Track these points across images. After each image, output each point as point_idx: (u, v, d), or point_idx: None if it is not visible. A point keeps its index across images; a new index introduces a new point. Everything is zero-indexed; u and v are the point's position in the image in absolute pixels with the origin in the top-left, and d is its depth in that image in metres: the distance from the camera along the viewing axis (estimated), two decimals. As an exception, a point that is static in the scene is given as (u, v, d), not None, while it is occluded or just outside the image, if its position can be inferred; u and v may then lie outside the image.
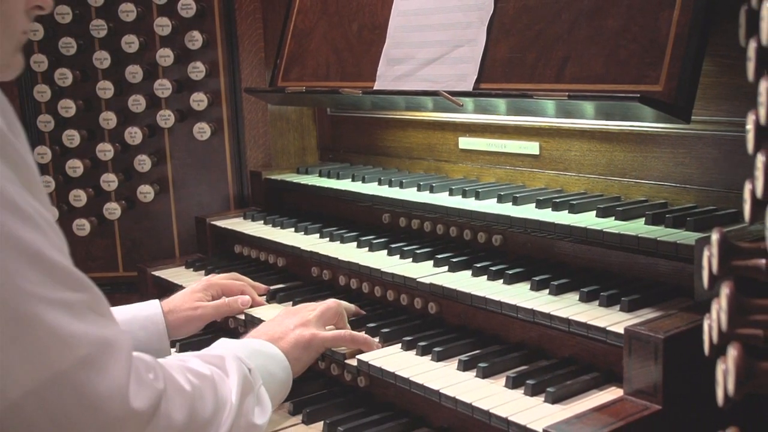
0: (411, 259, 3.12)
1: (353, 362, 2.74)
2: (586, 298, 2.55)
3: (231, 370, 2.12)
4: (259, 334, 2.61)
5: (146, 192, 4.36)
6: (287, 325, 2.66)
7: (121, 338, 1.73)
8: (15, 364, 1.57)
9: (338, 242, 3.48)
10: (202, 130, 4.29)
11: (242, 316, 3.20)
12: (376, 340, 2.80)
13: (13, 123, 1.63)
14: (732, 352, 1.18)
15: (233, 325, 3.30)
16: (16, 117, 1.65)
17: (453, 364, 2.58)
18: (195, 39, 4.23)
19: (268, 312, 3.16)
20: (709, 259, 1.37)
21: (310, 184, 3.94)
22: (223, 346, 2.34)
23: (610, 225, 2.68)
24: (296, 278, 3.58)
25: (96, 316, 1.70)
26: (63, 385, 1.61)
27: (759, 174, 1.25)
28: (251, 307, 3.25)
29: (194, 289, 3.12)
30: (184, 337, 3.06)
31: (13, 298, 1.56)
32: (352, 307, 2.95)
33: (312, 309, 2.77)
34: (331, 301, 2.82)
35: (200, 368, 2.03)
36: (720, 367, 1.23)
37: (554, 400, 2.30)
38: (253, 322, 3.06)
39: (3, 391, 1.56)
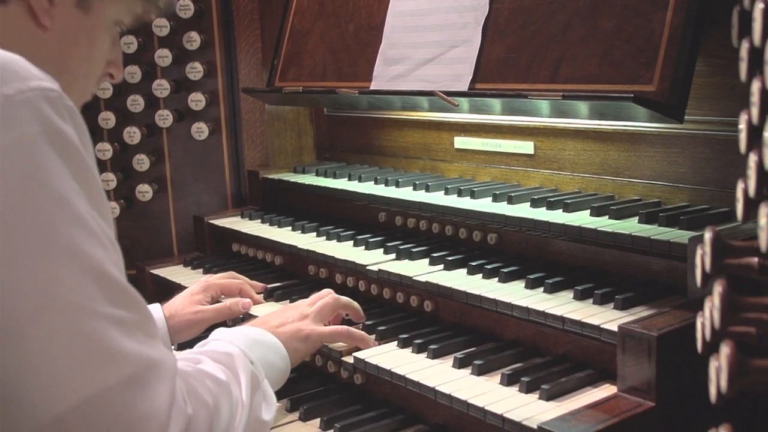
0: (407, 258, 3.11)
1: (350, 360, 2.74)
2: (580, 296, 2.55)
3: (240, 368, 2.08)
4: (257, 323, 2.60)
5: (145, 191, 4.36)
6: (286, 317, 2.66)
7: (167, 361, 1.71)
8: (65, 377, 1.55)
9: (335, 241, 3.48)
10: (200, 130, 4.29)
11: (248, 309, 3.19)
12: (373, 337, 2.80)
13: (87, 141, 1.64)
14: (725, 350, 1.18)
15: (231, 324, 3.29)
16: (88, 134, 1.66)
17: (448, 361, 2.58)
18: (193, 39, 4.23)
19: (266, 310, 3.16)
20: (702, 257, 1.37)
21: (307, 183, 3.93)
22: (224, 338, 2.31)
23: (604, 224, 2.68)
24: (293, 276, 3.58)
25: (145, 337, 1.68)
26: (106, 402, 1.59)
27: (751, 173, 1.25)
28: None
29: (193, 291, 3.10)
30: (185, 341, 3.05)
31: (71, 309, 1.56)
32: (356, 306, 2.93)
33: (310, 304, 2.76)
34: (330, 298, 2.80)
35: (217, 373, 1.99)
36: (713, 365, 1.23)
37: (549, 397, 2.30)
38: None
39: (50, 404, 1.54)
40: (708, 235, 1.34)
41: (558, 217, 2.81)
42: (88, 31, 1.94)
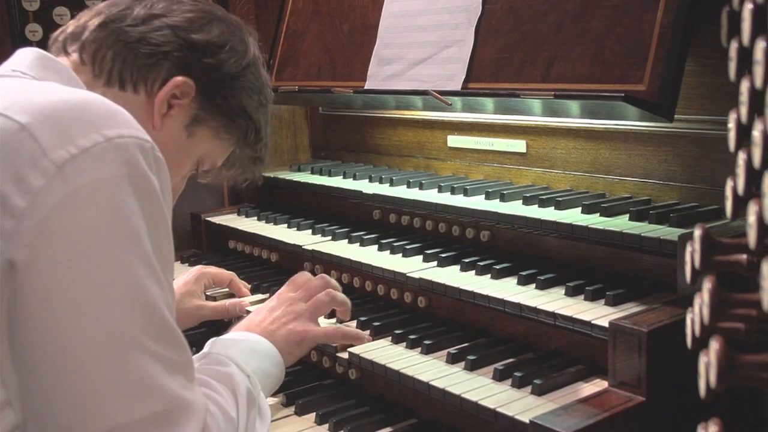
0: (401, 255, 3.12)
1: (344, 355, 2.74)
2: (571, 293, 2.55)
3: (238, 389, 2.10)
4: (251, 325, 2.57)
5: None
6: (280, 319, 2.62)
7: (200, 405, 1.75)
8: (103, 402, 1.61)
9: (330, 238, 3.47)
10: (198, 129, 4.28)
11: (245, 313, 3.18)
12: (367, 333, 2.80)
13: (167, 193, 1.79)
14: (714, 345, 1.18)
15: (226, 320, 3.30)
16: (170, 188, 1.81)
17: (442, 357, 2.58)
18: (190, 39, 4.22)
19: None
20: (692, 254, 1.37)
21: (302, 181, 3.93)
22: (222, 352, 2.29)
23: (595, 221, 2.68)
24: (289, 273, 3.55)
25: (183, 379, 1.74)
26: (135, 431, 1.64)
27: (740, 171, 1.25)
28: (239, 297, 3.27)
29: (187, 281, 3.10)
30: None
31: (122, 339, 1.63)
32: (349, 305, 2.90)
33: (305, 299, 2.73)
34: (325, 296, 2.77)
35: (221, 401, 2.00)
36: (702, 360, 1.23)
37: (540, 392, 2.30)
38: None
39: (84, 425, 1.60)
40: (697, 233, 1.34)
41: (550, 214, 2.81)
42: (182, 151, 2.18)
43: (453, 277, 2.82)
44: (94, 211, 1.61)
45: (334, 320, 2.94)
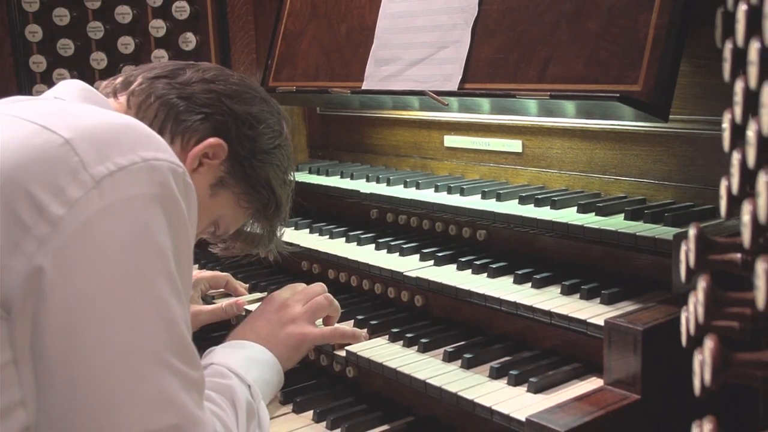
0: (398, 254, 3.11)
1: (342, 353, 2.74)
2: (567, 291, 2.55)
3: (238, 402, 2.14)
4: (249, 332, 2.57)
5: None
6: (277, 323, 2.61)
7: (208, 424, 1.79)
8: (120, 411, 1.65)
9: (327, 237, 3.47)
10: (196, 129, 4.28)
11: (242, 312, 3.17)
12: (365, 331, 2.80)
13: (194, 217, 1.88)
14: (708, 344, 1.18)
15: (234, 322, 3.29)
16: (196, 212, 1.91)
17: (438, 355, 2.58)
18: (189, 40, 4.23)
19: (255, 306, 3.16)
20: (687, 253, 1.37)
21: (300, 180, 3.92)
22: (222, 363, 2.32)
23: (591, 220, 2.68)
24: (287, 272, 3.57)
25: (198, 397, 1.78)
26: None
27: (735, 171, 1.25)
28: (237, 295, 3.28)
29: None
30: None
31: (143, 351, 1.67)
32: (339, 311, 2.87)
33: (302, 301, 2.73)
34: (324, 299, 2.76)
35: (227, 419, 2.05)
36: (697, 358, 1.23)
37: (536, 389, 2.30)
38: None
39: (99, 430, 1.64)
40: (692, 232, 1.34)
41: (545, 213, 2.81)
42: (201, 209, 2.17)
43: (449, 276, 2.82)
44: (125, 226, 1.68)
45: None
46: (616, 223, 2.64)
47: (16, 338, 1.62)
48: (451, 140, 3.65)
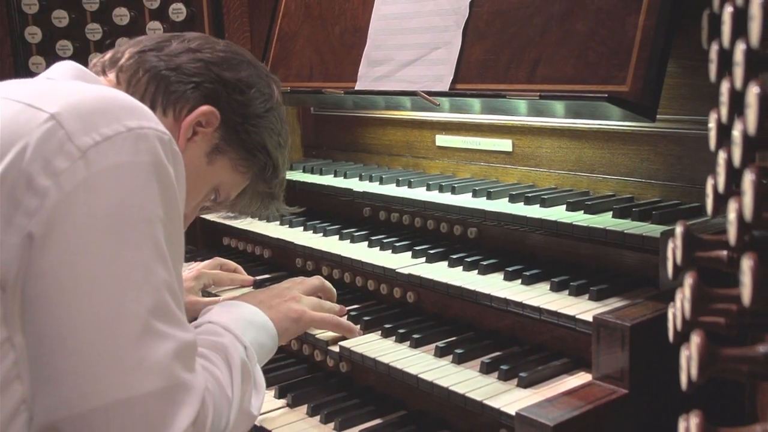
0: (390, 251, 3.11)
1: (336, 348, 2.74)
2: (556, 288, 2.55)
3: (233, 360, 2.11)
4: (249, 298, 2.55)
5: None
6: (279, 296, 2.61)
7: (198, 386, 1.78)
8: (102, 376, 1.65)
9: (321, 234, 3.47)
10: (193, 128, 4.28)
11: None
12: (358, 327, 2.80)
13: (182, 184, 1.87)
14: (695, 339, 1.18)
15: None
16: (184, 180, 1.90)
17: (430, 350, 2.58)
18: (185, 41, 4.22)
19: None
20: (674, 250, 1.37)
21: (294, 179, 3.92)
22: (219, 321, 2.29)
23: (580, 218, 2.68)
24: (281, 269, 3.57)
25: (186, 359, 1.77)
26: (131, 409, 1.66)
27: (720, 170, 1.25)
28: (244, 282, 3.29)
29: (186, 278, 3.10)
30: None
31: (123, 316, 1.67)
32: (334, 295, 2.89)
33: (299, 282, 2.75)
34: (316, 279, 2.81)
35: (217, 372, 2.02)
36: (684, 354, 1.23)
37: (526, 384, 2.30)
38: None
39: (83, 399, 1.64)
40: (679, 229, 1.34)
41: (535, 212, 2.81)
42: (200, 177, 2.27)
43: (441, 272, 2.82)
44: (110, 194, 1.69)
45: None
46: (605, 221, 2.64)
47: (9, 313, 1.63)
48: (442, 140, 3.64)
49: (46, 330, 1.64)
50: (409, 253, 3.05)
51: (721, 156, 1.25)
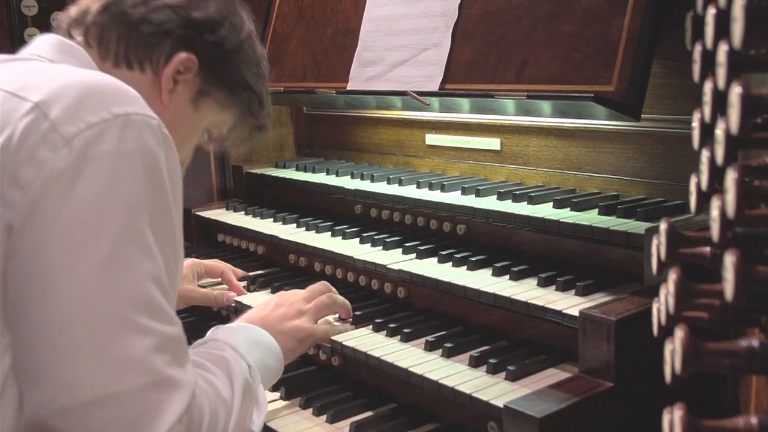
0: (381, 247, 3.11)
1: (327, 343, 2.73)
2: (543, 283, 2.55)
3: (236, 378, 2.04)
4: (255, 318, 2.51)
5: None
6: (284, 315, 2.56)
7: (187, 381, 1.72)
8: (83, 372, 1.59)
9: (314, 231, 3.46)
10: (188, 128, 4.26)
11: (232, 303, 3.17)
12: (349, 322, 2.79)
13: (174, 168, 1.80)
14: (679, 333, 1.18)
15: (225, 313, 3.31)
16: (178, 163, 1.83)
17: (420, 344, 2.58)
18: (180, 42, 4.21)
19: (252, 298, 3.16)
20: (658, 247, 1.36)
21: (287, 177, 3.92)
22: (224, 340, 2.22)
23: (566, 215, 2.68)
24: (275, 265, 3.57)
25: (173, 354, 1.70)
26: (112, 405, 1.61)
27: (704, 168, 1.25)
28: (231, 290, 3.25)
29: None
30: None
31: (103, 310, 1.61)
32: (348, 306, 2.85)
33: (307, 299, 2.69)
34: (327, 298, 2.75)
35: (217, 384, 1.96)
36: (668, 347, 1.23)
37: (514, 377, 2.30)
38: (242, 309, 3.03)
39: (69, 393, 1.59)
40: (663, 226, 1.34)
41: (523, 209, 2.81)
42: (190, 124, 2.19)
43: (431, 268, 2.82)
44: (92, 182, 1.62)
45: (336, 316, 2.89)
46: (591, 218, 2.64)
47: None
48: (432, 139, 3.64)
49: (27, 323, 1.60)
50: (400, 250, 3.05)
51: (705, 154, 1.25)
